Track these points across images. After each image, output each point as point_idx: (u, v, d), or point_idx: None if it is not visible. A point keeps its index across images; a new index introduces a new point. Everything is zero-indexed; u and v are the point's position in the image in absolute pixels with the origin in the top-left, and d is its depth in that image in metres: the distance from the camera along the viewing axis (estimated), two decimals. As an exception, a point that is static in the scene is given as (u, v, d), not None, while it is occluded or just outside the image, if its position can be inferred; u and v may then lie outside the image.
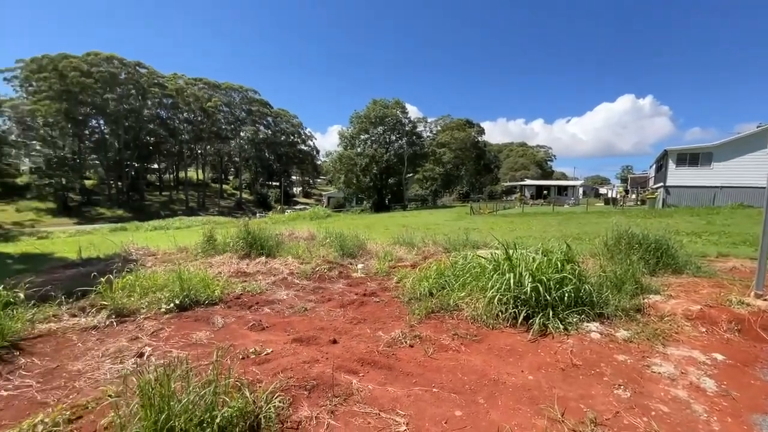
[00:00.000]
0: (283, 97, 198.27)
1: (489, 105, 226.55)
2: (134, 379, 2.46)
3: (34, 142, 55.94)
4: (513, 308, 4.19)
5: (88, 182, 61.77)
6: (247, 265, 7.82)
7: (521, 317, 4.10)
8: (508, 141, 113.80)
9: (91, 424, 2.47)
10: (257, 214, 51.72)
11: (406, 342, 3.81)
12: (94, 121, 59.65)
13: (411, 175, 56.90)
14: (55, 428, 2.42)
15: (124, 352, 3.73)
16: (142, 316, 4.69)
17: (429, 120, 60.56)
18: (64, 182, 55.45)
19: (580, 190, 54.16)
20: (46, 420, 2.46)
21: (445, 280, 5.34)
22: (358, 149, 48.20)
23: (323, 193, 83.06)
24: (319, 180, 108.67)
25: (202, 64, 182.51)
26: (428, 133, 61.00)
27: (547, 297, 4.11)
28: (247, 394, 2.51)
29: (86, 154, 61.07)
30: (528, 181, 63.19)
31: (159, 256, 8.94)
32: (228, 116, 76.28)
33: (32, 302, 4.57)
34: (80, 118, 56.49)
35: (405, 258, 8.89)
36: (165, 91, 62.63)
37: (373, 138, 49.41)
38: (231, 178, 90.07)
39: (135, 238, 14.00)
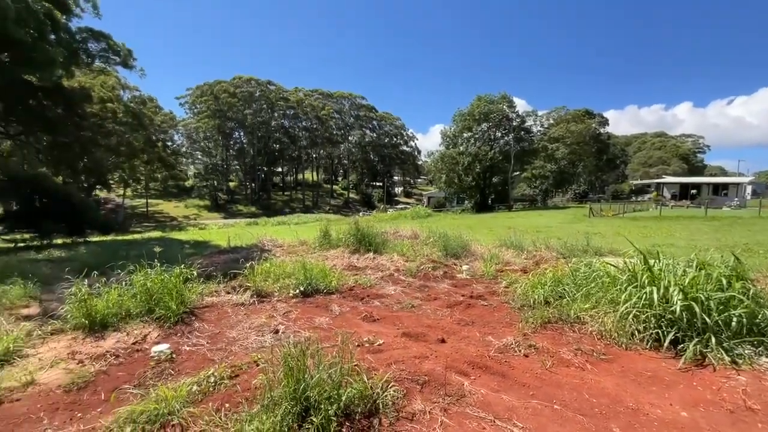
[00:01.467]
0: (388, 101, 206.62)
1: (614, 90, 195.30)
2: (278, 351, 2.89)
3: (197, 152, 70.51)
4: (655, 328, 3.56)
5: (231, 184, 74.93)
6: (357, 259, 8.41)
7: (667, 340, 3.45)
8: (639, 132, 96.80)
9: (245, 382, 3.00)
10: (362, 213, 55.10)
11: (519, 350, 3.59)
12: (236, 134, 72.05)
13: (518, 173, 53.08)
14: (221, 381, 3.01)
15: (263, 327, 4.41)
16: (275, 299, 5.48)
17: (540, 113, 55.43)
18: (215, 184, 68.43)
19: (748, 189, 42.45)
20: (216, 374, 3.08)
21: (564, 289, 4.84)
22: (461, 148, 47.09)
23: (423, 192, 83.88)
24: (419, 180, 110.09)
25: (318, 76, 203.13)
26: (539, 128, 56.00)
27: (706, 319, 3.36)
28: (365, 379, 2.71)
29: (231, 161, 74.22)
30: (668, 178, 52.55)
31: (285, 247, 10.29)
32: (339, 122, 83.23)
33: (201, 279, 5.76)
34: (227, 131, 68.90)
35: (513, 262, 8.37)
36: (288, 104, 71.76)
37: (476, 135, 47.70)
38: (340, 179, 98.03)
39: (265, 231, 16.42)
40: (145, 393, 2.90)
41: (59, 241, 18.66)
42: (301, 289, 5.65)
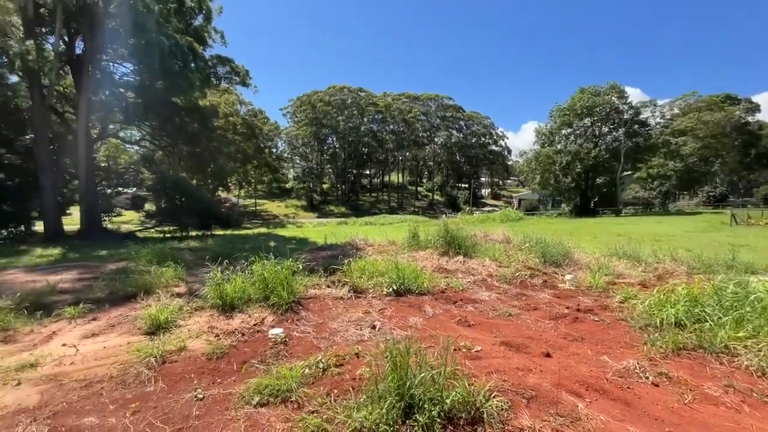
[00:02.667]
0: (477, 99, 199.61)
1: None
2: (379, 345, 3.01)
3: (296, 157, 78.01)
4: None
5: (324, 186, 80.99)
6: (447, 262, 8.30)
7: None
8: (809, 117, 75.56)
9: (350, 372, 3.20)
10: (446, 215, 54.28)
11: (646, 377, 3.11)
12: (330, 139, 77.67)
13: (629, 173, 46.28)
14: (328, 368, 3.26)
15: (361, 321, 4.65)
16: (370, 295, 5.73)
17: (660, 102, 47.41)
18: (311, 186, 74.78)
19: None
20: (323, 361, 3.34)
21: (704, 311, 4.04)
22: (558, 146, 42.97)
23: (513, 194, 78.89)
24: (509, 181, 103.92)
25: (406, 79, 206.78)
26: (658, 120, 47.97)
27: None
28: (466, 384, 2.65)
29: (324, 164, 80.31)
30: None
31: (375, 246, 10.70)
32: (425, 124, 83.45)
33: (306, 273, 6.33)
34: (322, 137, 74.74)
35: (627, 274, 7.32)
36: (377, 108, 74.65)
37: (577, 132, 43.02)
38: (425, 180, 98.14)
39: (355, 230, 17.29)
40: (267, 369, 3.30)
41: (193, 233, 22.48)
42: (394, 288, 5.80)
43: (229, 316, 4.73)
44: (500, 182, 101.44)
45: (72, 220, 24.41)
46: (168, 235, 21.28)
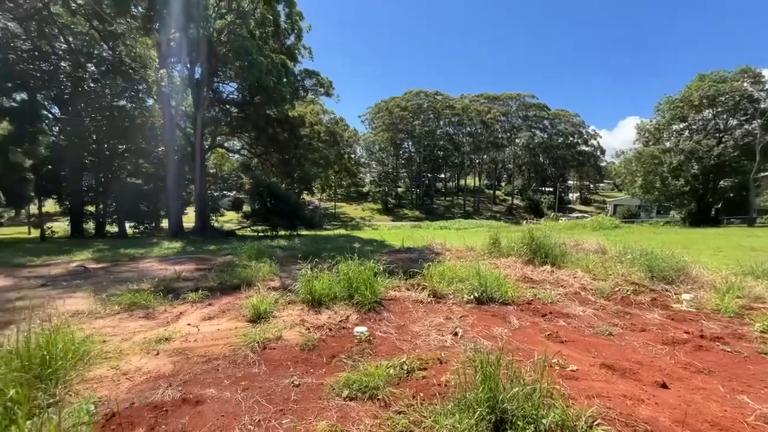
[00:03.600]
0: (565, 96, 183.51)
1: None
2: (462, 353, 2.94)
3: (372, 162, 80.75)
4: None
5: (399, 190, 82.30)
6: (532, 271, 7.76)
7: None
8: None
9: (434, 377, 3.18)
10: (527, 221, 50.83)
11: (806, 429, 2.50)
12: (405, 144, 78.77)
13: (766, 174, 37.96)
14: (412, 370, 3.29)
15: (442, 327, 4.59)
16: (450, 301, 5.64)
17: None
18: (386, 190, 76.64)
19: None
20: (408, 363, 3.38)
21: None
22: (667, 144, 37.22)
23: (607, 199, 70.48)
24: (602, 185, 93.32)
25: (485, 80, 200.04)
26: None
27: None
28: (564, 406, 2.43)
29: (399, 169, 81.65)
30: None
31: (453, 251, 10.50)
32: (504, 125, 79.55)
33: (386, 274, 6.49)
34: (398, 142, 76.18)
35: (769, 298, 5.98)
36: (453, 111, 73.52)
37: (694, 127, 36.78)
38: (503, 184, 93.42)
39: (430, 234, 17.20)
40: (354, 365, 3.46)
41: (282, 232, 24.71)
42: (476, 295, 5.62)
43: (317, 311, 5.08)
44: (591, 186, 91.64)
45: (188, 219, 28.71)
46: (261, 234, 23.72)
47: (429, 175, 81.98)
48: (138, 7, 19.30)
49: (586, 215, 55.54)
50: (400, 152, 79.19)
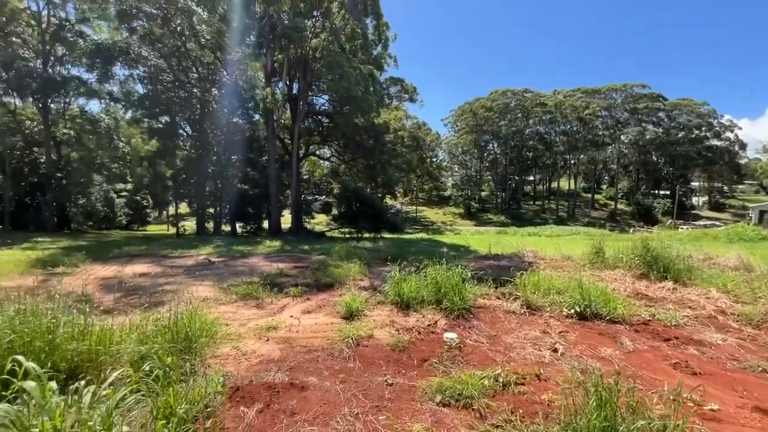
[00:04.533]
0: (688, 84, 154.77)
1: None
2: (578, 374, 2.68)
3: (455, 165, 79.24)
4: None
5: (483, 194, 79.14)
6: (647, 287, 6.73)
7: None
8: None
9: (533, 393, 2.97)
10: (634, 229, 44.28)
11: None
12: (490, 145, 75.49)
13: None
14: (508, 383, 3.12)
15: (539, 341, 4.26)
16: (547, 314, 5.20)
17: None
18: (469, 194, 74.38)
19: None
20: (503, 375, 3.22)
21: None
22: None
23: (749, 204, 57.32)
24: (741, 186, 76.61)
25: (577, 75, 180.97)
26: None
27: None
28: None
29: (483, 171, 78.54)
30: None
31: (547, 260, 9.68)
32: (606, 120, 70.70)
33: (474, 281, 6.29)
34: (482, 144, 73.42)
35: None
36: (545, 109, 68.02)
37: None
38: (604, 187, 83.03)
39: (516, 241, 16.10)
40: (445, 371, 3.42)
41: (366, 235, 25.76)
42: (578, 309, 5.08)
43: (405, 313, 5.16)
44: (724, 188, 75.85)
45: (285, 220, 31.81)
46: (347, 236, 25.08)
47: (516, 178, 77.13)
48: (250, 36, 22.26)
49: (718, 223, 46.13)
50: (485, 154, 76.12)
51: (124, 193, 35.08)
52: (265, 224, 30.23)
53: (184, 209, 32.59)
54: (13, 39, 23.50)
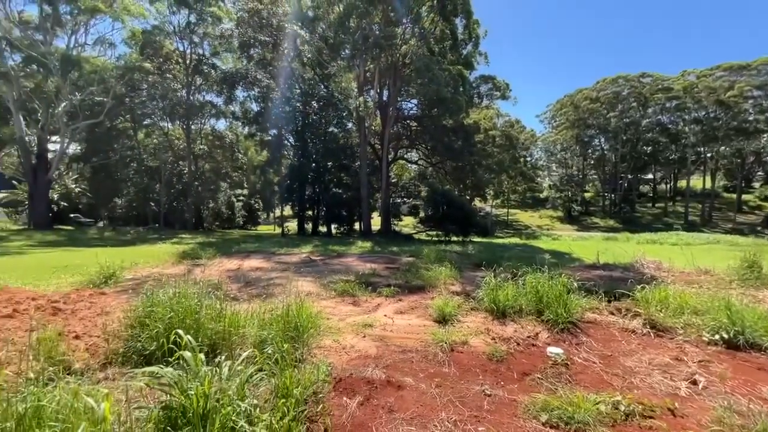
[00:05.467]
0: None
1: None
2: (731, 416, 2.20)
3: (552, 164, 72.48)
4: None
5: (586, 195, 70.67)
6: (833, 315, 5.15)
7: None
8: None
9: (665, 430, 2.52)
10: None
11: None
12: (595, 141, 67.00)
13: None
14: (631, 413, 2.71)
15: (670, 369, 3.61)
16: (680, 338, 4.38)
17: None
18: (569, 195, 67.19)
19: None
20: (624, 404, 2.81)
21: None
22: None
23: None
24: None
25: (714, 52, 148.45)
26: None
27: None
28: None
29: (587, 170, 70.09)
30: None
31: (676, 274, 8.16)
32: (761, 102, 56.58)
33: (581, 293, 5.65)
34: (586, 139, 65.61)
35: None
36: (669, 94, 57.61)
37: None
38: (757, 185, 66.63)
39: (631, 249, 13.91)
40: (550, 389, 3.14)
41: (454, 238, 25.22)
42: (725, 335, 4.16)
43: (501, 322, 4.89)
44: None
45: (374, 222, 33.08)
46: (435, 239, 24.92)
47: (629, 177, 66.87)
48: (345, 50, 23.89)
49: None
50: (589, 151, 67.83)
51: (241, 198, 40.81)
52: (357, 226, 31.95)
53: (287, 211, 36.41)
54: (167, 75, 29.39)
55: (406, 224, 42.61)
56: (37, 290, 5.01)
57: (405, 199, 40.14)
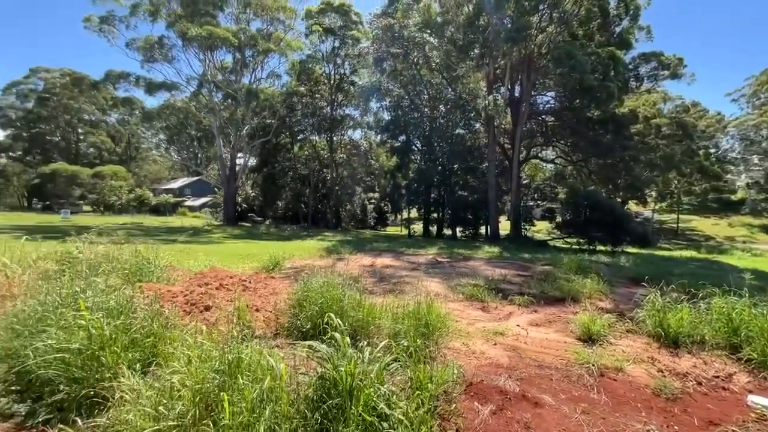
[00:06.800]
0: None
1: None
2: None
3: (752, 156, 54.62)
4: None
5: (815, 196, 50.62)
6: None
7: None
8: None
9: None
10: None
11: None
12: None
13: None
14: None
15: None
16: None
17: None
18: (783, 197, 49.40)
19: None
20: None
21: None
22: None
23: None
24: None
25: None
26: None
27: None
28: None
29: (817, 161, 50.19)
30: None
31: None
32: None
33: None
34: (814, 119, 47.09)
35: None
36: None
37: None
38: None
39: None
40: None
41: (600, 247, 21.71)
42: None
43: (672, 352, 3.98)
44: None
45: (502, 227, 31.25)
46: (575, 247, 21.91)
47: None
48: (474, 50, 23.37)
49: None
50: (821, 135, 48.54)
51: (372, 200, 44.31)
52: (482, 230, 30.77)
53: (413, 214, 37.73)
54: (316, 95, 34.34)
55: (539, 229, 38.81)
56: (232, 271, 6.57)
57: (538, 202, 36.61)
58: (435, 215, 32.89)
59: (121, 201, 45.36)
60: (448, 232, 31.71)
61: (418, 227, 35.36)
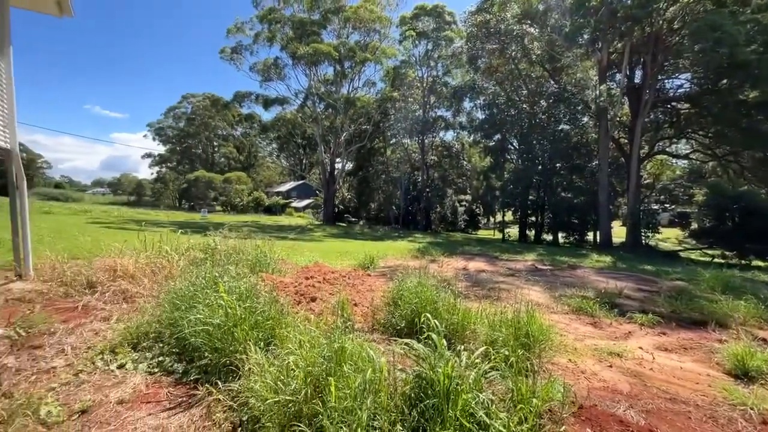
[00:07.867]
0: None
1: None
2: None
3: None
4: None
5: None
6: None
7: None
8: None
9: None
10: None
11: None
12: None
13: None
14: None
15: None
16: None
17: None
18: None
19: None
20: None
21: None
22: None
23: None
24: None
25: None
26: None
27: None
28: None
29: None
30: None
31: None
32: None
33: None
34: None
35: None
36: None
37: None
38: None
39: None
40: None
41: (757, 263, 17.32)
42: None
43: None
44: None
45: (615, 233, 27.27)
46: (717, 260, 17.87)
47: None
48: (582, 36, 20.93)
49: None
50: None
51: (464, 203, 43.08)
52: (590, 236, 27.32)
53: (508, 217, 35.51)
54: (409, 99, 34.96)
55: (666, 237, 32.79)
56: (333, 267, 7.13)
57: (665, 206, 30.93)
58: (533, 219, 30.39)
59: (243, 202, 53.19)
60: (547, 237, 28.99)
61: (512, 231, 33.15)
